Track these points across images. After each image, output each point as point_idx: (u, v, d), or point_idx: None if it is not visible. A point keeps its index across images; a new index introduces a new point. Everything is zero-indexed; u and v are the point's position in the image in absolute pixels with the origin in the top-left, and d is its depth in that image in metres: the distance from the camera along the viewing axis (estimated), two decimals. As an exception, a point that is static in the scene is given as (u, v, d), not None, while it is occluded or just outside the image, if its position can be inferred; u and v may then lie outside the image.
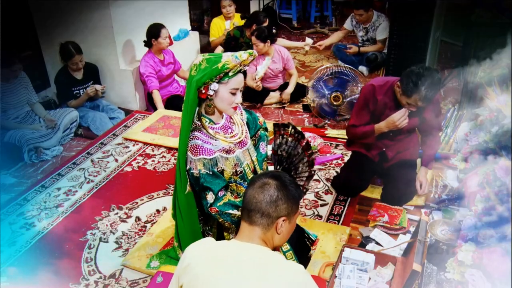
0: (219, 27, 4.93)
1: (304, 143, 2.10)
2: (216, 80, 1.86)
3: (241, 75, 1.91)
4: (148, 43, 3.99)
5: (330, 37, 5.09)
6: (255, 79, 4.11)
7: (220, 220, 1.95)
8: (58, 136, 3.56)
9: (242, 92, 1.97)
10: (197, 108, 1.96)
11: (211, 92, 1.88)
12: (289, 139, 2.11)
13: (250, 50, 1.87)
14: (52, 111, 3.72)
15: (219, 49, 4.68)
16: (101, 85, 3.97)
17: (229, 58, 1.82)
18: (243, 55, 1.83)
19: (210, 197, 1.90)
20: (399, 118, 2.48)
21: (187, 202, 2.03)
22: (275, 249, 1.49)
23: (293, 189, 1.49)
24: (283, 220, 1.45)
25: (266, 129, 2.27)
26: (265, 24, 4.35)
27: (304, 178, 2.12)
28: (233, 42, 4.54)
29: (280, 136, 2.12)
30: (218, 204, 1.89)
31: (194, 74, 1.87)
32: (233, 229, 2.00)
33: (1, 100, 3.40)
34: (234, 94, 1.91)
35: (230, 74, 1.86)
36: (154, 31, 3.93)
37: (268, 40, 4.05)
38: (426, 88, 2.31)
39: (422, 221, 1.98)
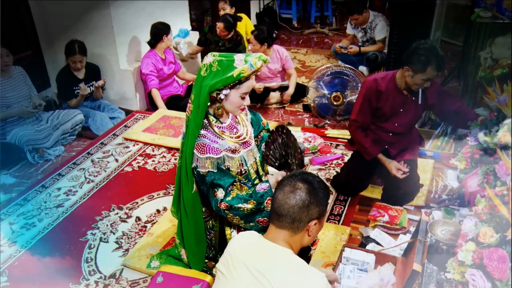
0: None
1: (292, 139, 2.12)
2: (230, 87, 1.87)
3: (251, 80, 1.92)
4: (155, 42, 4.00)
5: (342, 42, 5.06)
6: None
7: (229, 217, 1.95)
8: (55, 137, 3.54)
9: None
10: None
11: (222, 97, 1.90)
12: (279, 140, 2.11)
13: (264, 57, 1.87)
14: (56, 111, 3.70)
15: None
16: (101, 80, 3.96)
17: (244, 67, 1.82)
18: (257, 63, 1.83)
19: (220, 194, 1.90)
20: (398, 169, 2.61)
21: (193, 201, 2.03)
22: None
23: (323, 191, 1.50)
24: (314, 224, 1.48)
25: (268, 131, 2.28)
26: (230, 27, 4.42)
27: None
28: (203, 38, 4.67)
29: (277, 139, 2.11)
30: (227, 199, 1.90)
31: (204, 75, 1.87)
32: (242, 224, 1.99)
33: (4, 96, 3.39)
34: (243, 98, 1.93)
35: (243, 80, 1.87)
36: (164, 29, 3.98)
37: (266, 43, 4.03)
38: (436, 56, 2.40)
39: (422, 221, 1.98)
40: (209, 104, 1.93)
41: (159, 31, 3.97)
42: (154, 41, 4.01)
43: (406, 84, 2.54)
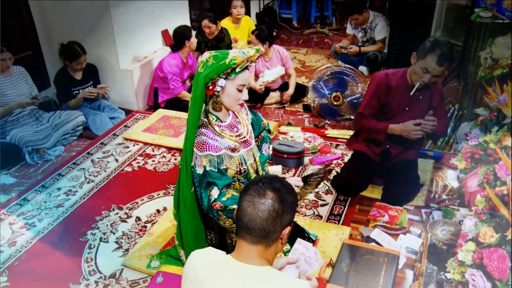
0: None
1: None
2: (223, 76, 1.87)
3: (247, 72, 1.93)
4: (178, 45, 4.04)
5: (342, 42, 5.07)
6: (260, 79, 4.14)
7: (221, 219, 1.93)
8: (55, 137, 3.53)
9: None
10: (204, 106, 1.97)
11: (218, 88, 1.90)
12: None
13: (257, 47, 1.91)
14: (58, 112, 3.70)
15: None
16: (104, 85, 3.96)
17: (236, 54, 1.84)
18: (250, 51, 1.85)
19: (215, 192, 1.88)
20: (415, 128, 2.51)
21: (193, 200, 2.03)
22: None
23: (291, 196, 1.42)
24: (288, 230, 1.41)
25: (269, 131, 2.28)
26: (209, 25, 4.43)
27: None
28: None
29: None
30: (222, 199, 1.88)
31: (201, 70, 1.88)
32: (234, 229, 1.98)
33: (4, 94, 3.39)
34: (240, 91, 1.93)
35: (237, 70, 1.87)
36: (187, 33, 4.02)
37: (267, 41, 4.05)
38: (441, 48, 2.37)
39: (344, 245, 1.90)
40: (210, 104, 1.93)
41: (182, 37, 4.01)
42: (177, 46, 4.05)
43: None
